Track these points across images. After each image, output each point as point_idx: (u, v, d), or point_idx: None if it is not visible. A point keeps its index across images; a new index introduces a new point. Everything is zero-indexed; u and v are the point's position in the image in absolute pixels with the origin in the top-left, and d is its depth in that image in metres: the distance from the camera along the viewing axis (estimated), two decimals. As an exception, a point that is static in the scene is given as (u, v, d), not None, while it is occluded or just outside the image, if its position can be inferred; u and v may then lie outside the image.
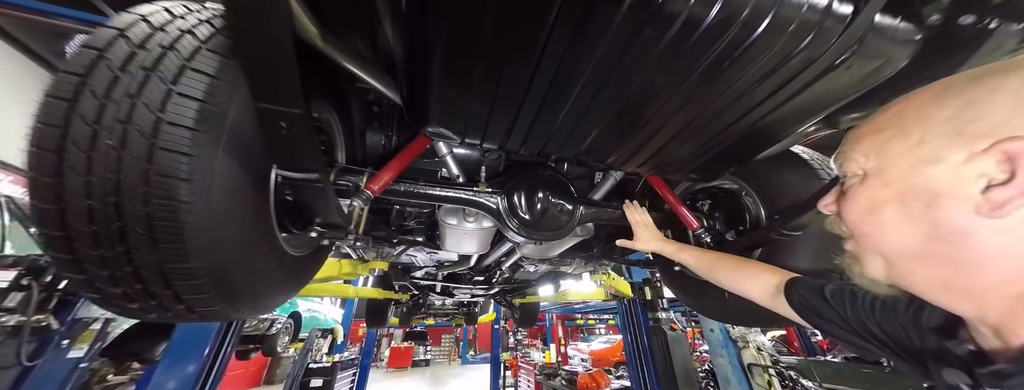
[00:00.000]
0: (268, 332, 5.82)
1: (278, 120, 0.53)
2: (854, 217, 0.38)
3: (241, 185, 0.63)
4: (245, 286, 0.71)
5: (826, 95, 0.72)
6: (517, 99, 0.73)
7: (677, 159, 0.95)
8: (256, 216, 0.69)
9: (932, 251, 0.31)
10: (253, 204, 0.68)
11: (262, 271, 0.75)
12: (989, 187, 0.28)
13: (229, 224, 0.62)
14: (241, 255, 0.66)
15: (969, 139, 0.29)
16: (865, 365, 7.76)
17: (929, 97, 0.33)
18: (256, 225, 0.70)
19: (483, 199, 1.16)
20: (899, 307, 0.46)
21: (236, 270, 0.66)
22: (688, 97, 0.72)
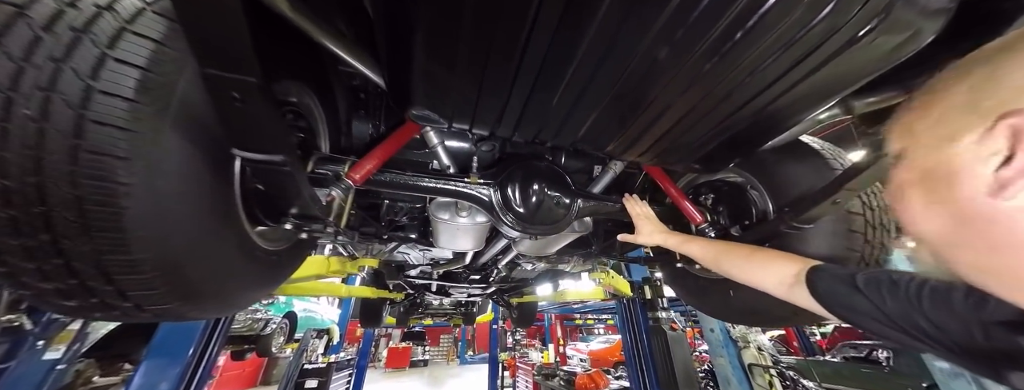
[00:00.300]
0: (262, 332, 5.74)
1: (228, 90, 0.46)
2: (890, 202, 0.37)
3: (195, 168, 0.56)
4: (205, 282, 0.64)
5: (845, 74, 0.65)
6: (507, 77, 0.67)
7: (682, 146, 0.88)
8: (216, 204, 0.63)
9: (964, 236, 0.29)
10: (212, 190, 0.61)
11: (226, 266, 0.68)
12: (1000, 166, 0.26)
13: (181, 211, 0.55)
14: (198, 247, 0.59)
15: (982, 115, 0.27)
16: (864, 365, 7.74)
17: (957, 70, 0.31)
18: (216, 214, 0.63)
19: (475, 191, 1.09)
20: (955, 296, 0.39)
21: (192, 264, 0.59)
22: (694, 75, 0.65)
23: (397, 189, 1.03)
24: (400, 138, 0.99)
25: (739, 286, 1.19)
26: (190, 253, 0.58)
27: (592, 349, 10.05)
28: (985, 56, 0.29)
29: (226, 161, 0.63)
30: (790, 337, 10.92)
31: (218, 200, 0.63)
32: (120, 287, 0.53)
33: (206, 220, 0.60)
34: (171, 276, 0.57)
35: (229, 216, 0.67)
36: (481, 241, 1.67)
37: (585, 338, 14.63)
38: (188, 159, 0.54)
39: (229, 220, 0.67)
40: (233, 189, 0.67)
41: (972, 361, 0.37)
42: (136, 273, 0.52)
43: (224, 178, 0.64)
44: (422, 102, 0.76)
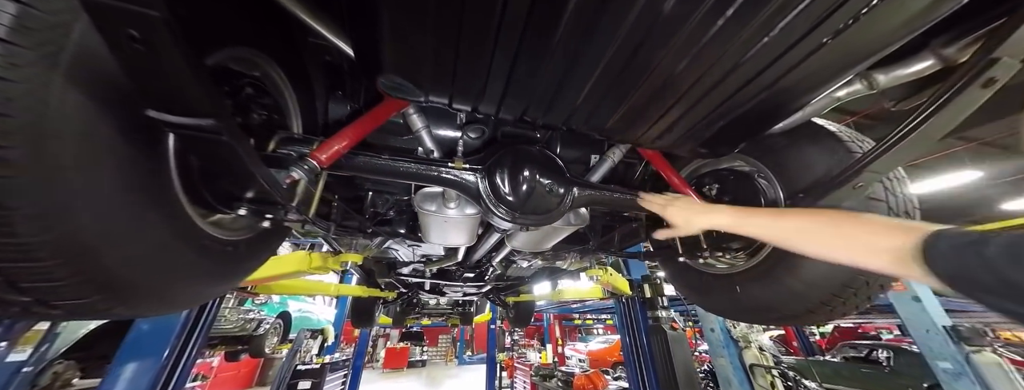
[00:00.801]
0: (255, 333, 5.63)
1: (122, 26, 0.37)
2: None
3: (105, 133, 0.46)
4: (133, 273, 0.54)
5: (874, 34, 0.56)
6: (488, 34, 0.57)
7: (688, 126, 0.79)
8: (140, 179, 0.53)
9: None
10: (133, 162, 0.51)
11: (162, 255, 0.59)
12: None
13: (87, 186, 0.45)
14: (116, 230, 0.50)
15: None
16: (864, 365, 7.68)
17: None
18: (141, 192, 0.53)
19: (459, 177, 1.00)
20: None
21: (110, 250, 0.50)
22: (704, 37, 0.56)
23: (371, 173, 0.93)
24: (376, 117, 0.89)
25: (747, 282, 1.11)
26: (105, 237, 0.49)
27: (591, 349, 9.97)
28: None
29: (153, 129, 0.54)
30: (789, 337, 10.87)
31: (142, 175, 0.53)
32: (10, 277, 0.44)
33: (125, 198, 0.51)
34: (80, 264, 0.47)
35: (161, 196, 0.58)
36: (472, 235, 1.58)
37: (584, 338, 14.53)
38: (93, 121, 0.45)
39: (161, 201, 0.58)
40: (166, 164, 0.58)
41: None
42: (29, 260, 0.43)
43: (150, 149, 0.54)
44: (392, 67, 0.66)
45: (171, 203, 0.60)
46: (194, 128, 0.48)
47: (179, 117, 0.46)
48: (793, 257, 0.95)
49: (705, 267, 1.26)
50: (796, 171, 0.95)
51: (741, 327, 3.80)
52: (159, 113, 0.46)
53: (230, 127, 0.51)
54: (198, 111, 0.47)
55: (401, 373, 12.87)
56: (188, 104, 0.46)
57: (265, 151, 0.77)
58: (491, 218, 1.04)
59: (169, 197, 0.59)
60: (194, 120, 0.47)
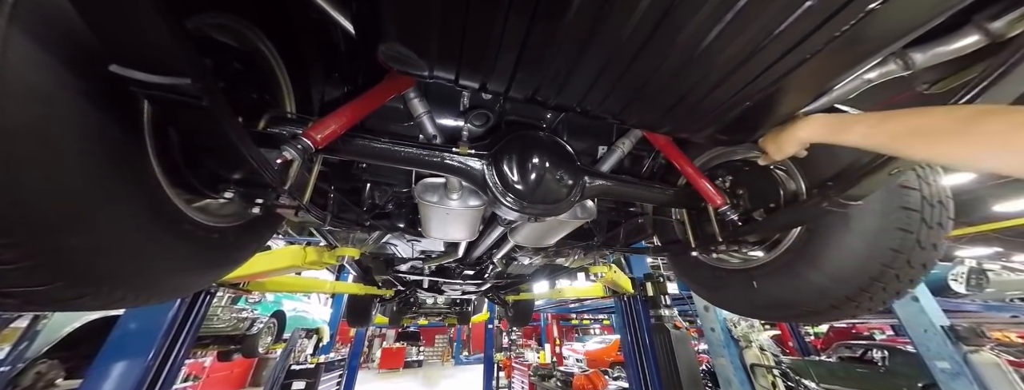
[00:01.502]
0: (248, 332, 5.53)
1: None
2: None
3: (62, 93, 0.40)
4: (102, 259, 0.48)
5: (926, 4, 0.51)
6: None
7: (714, 105, 0.74)
8: (109, 152, 0.47)
9: None
10: (98, 131, 0.45)
11: (136, 239, 0.52)
12: None
13: (41, 154, 0.39)
14: (79, 209, 0.44)
15: None
16: (859, 365, 7.72)
17: None
18: (111, 167, 0.47)
19: (464, 163, 0.94)
20: None
21: (72, 232, 0.43)
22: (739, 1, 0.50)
23: (369, 157, 0.87)
24: (375, 97, 0.83)
25: (764, 277, 1.07)
26: (64, 215, 0.42)
27: (588, 349, 9.91)
28: None
29: (124, 95, 0.47)
30: (785, 337, 10.92)
31: (110, 146, 0.47)
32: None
33: (90, 172, 0.44)
34: (33, 246, 0.41)
35: (134, 173, 0.51)
36: (474, 229, 1.52)
37: (581, 338, 14.50)
38: (48, 79, 0.38)
39: (134, 178, 0.51)
40: (141, 137, 0.51)
41: None
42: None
43: (122, 118, 0.48)
44: (394, 34, 0.60)
45: (146, 182, 0.53)
46: (167, 89, 0.42)
47: (148, 74, 0.40)
48: (815, 251, 0.90)
49: (718, 262, 1.21)
50: (820, 159, 0.90)
51: (742, 326, 3.77)
52: (124, 69, 0.40)
53: (210, 90, 0.45)
54: (171, 68, 0.40)
55: (397, 373, 12.76)
56: (159, 59, 0.40)
57: (254, 129, 0.70)
58: (498, 207, 0.99)
59: (144, 175, 0.53)
60: (166, 79, 0.41)
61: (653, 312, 2.99)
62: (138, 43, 0.38)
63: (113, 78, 0.42)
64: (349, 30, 0.71)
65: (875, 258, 0.78)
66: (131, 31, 0.37)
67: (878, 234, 0.79)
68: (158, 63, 0.40)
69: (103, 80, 0.43)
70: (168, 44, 0.39)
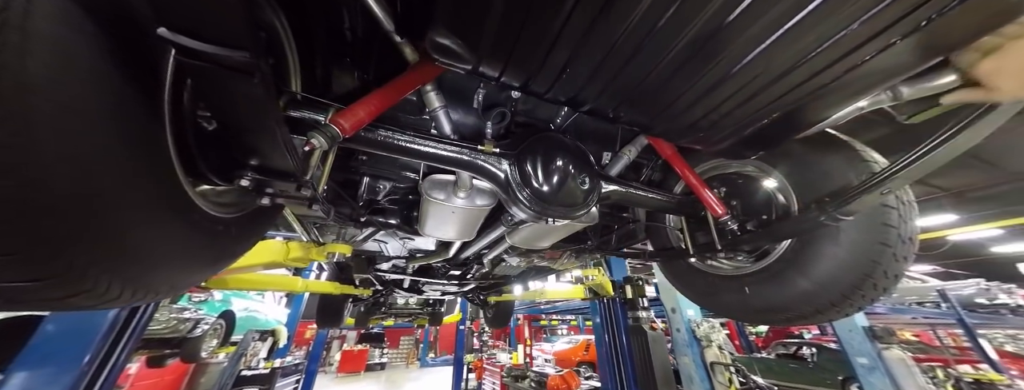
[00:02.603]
0: (190, 334, 4.96)
1: None
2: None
3: (85, 47, 0.33)
4: (114, 251, 0.41)
5: (934, 42, 0.59)
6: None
7: (733, 122, 0.79)
8: (130, 125, 0.40)
9: None
10: (118, 99, 0.38)
11: (150, 229, 0.45)
12: None
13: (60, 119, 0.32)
14: (94, 191, 0.36)
15: None
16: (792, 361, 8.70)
17: None
18: (131, 142, 0.40)
19: (488, 162, 0.92)
20: None
21: (88, 219, 0.36)
22: (784, 25, 0.55)
23: (389, 150, 0.82)
24: (402, 86, 0.79)
25: (756, 283, 1.15)
26: (82, 198, 0.35)
27: (557, 349, 10.12)
28: None
29: (151, 60, 0.41)
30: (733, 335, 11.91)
31: (130, 118, 0.40)
32: None
33: (110, 146, 0.37)
34: (48, 228, 0.33)
35: (153, 152, 0.44)
36: (474, 229, 1.49)
37: (549, 339, 14.75)
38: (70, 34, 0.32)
39: (153, 158, 0.44)
40: (160, 111, 0.44)
41: None
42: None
43: (143, 87, 0.41)
44: (447, 24, 0.57)
45: (162, 164, 0.46)
46: (219, 60, 0.36)
47: (202, 43, 0.35)
48: (806, 260, 0.99)
49: (711, 269, 1.29)
50: (813, 178, 1.00)
51: (704, 327, 4.05)
52: (173, 34, 0.34)
53: (264, 66, 0.40)
54: (230, 37, 0.35)
55: (358, 377, 12.13)
56: (219, 27, 0.34)
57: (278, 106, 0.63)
58: (516, 208, 0.97)
59: (160, 156, 0.46)
60: (223, 50, 0.35)
61: (631, 314, 3.11)
62: (198, 6, 0.33)
63: (141, 43, 0.36)
64: (374, 11, 0.67)
65: (858, 268, 0.88)
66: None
67: (862, 247, 0.89)
68: (217, 31, 0.35)
69: (135, 39, 0.36)
70: (234, 10, 0.34)
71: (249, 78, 0.39)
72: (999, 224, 8.67)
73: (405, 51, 0.77)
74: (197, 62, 0.37)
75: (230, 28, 0.35)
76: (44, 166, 0.32)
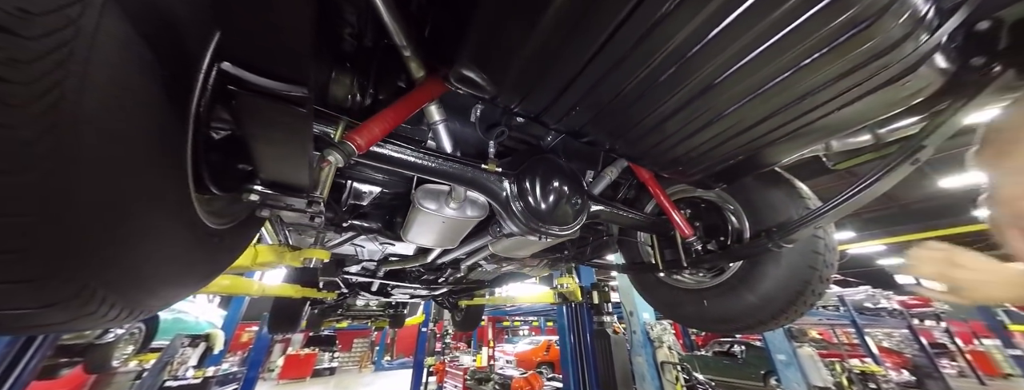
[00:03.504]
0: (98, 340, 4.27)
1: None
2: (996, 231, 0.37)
3: (136, 80, 0.32)
4: (126, 267, 0.39)
5: (869, 109, 0.74)
6: (595, 41, 0.57)
7: (709, 158, 0.91)
8: (161, 150, 0.38)
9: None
10: (159, 128, 0.36)
11: (162, 242, 0.43)
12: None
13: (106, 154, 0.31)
14: (117, 200, 0.35)
15: None
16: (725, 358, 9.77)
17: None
18: (154, 155, 0.38)
19: (490, 181, 0.96)
20: None
21: (109, 232, 0.35)
22: (772, 80, 0.65)
23: (399, 166, 0.83)
24: (412, 102, 0.80)
25: (714, 297, 1.32)
26: (110, 221, 0.34)
27: (519, 351, 10.27)
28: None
29: (186, 76, 0.39)
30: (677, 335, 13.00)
31: (166, 139, 0.38)
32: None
33: (142, 169, 0.36)
34: (63, 235, 0.31)
35: (176, 166, 0.42)
36: (459, 238, 1.51)
37: (510, 340, 14.90)
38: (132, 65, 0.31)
39: (175, 173, 0.42)
40: (186, 125, 0.42)
41: None
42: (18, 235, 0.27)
43: (178, 104, 0.40)
44: (473, 59, 0.61)
45: (180, 176, 0.44)
46: (275, 95, 0.37)
47: (266, 79, 0.35)
48: (754, 278, 1.16)
49: (676, 282, 1.44)
50: (763, 209, 1.17)
51: (657, 329, 4.41)
52: (237, 68, 0.34)
53: (312, 98, 0.41)
54: (293, 75, 0.36)
55: (303, 383, 11.24)
56: (285, 65, 0.35)
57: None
58: (512, 223, 1.02)
59: (180, 168, 0.44)
60: (283, 86, 0.36)
61: (596, 318, 3.30)
62: (270, 47, 0.34)
63: (186, 70, 0.36)
64: (388, 25, 0.67)
65: (794, 286, 1.06)
66: (270, 34, 0.33)
67: (797, 269, 1.07)
68: (281, 68, 0.35)
69: (179, 71, 0.36)
70: (302, 51, 0.35)
71: (299, 108, 0.40)
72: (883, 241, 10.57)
73: (411, 66, 0.78)
74: (251, 94, 0.37)
75: (294, 66, 0.36)
76: (79, 192, 0.31)
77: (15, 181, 0.26)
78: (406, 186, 1.39)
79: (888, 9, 0.51)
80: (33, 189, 0.27)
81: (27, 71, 0.25)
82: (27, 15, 0.24)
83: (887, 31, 0.55)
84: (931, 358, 8.79)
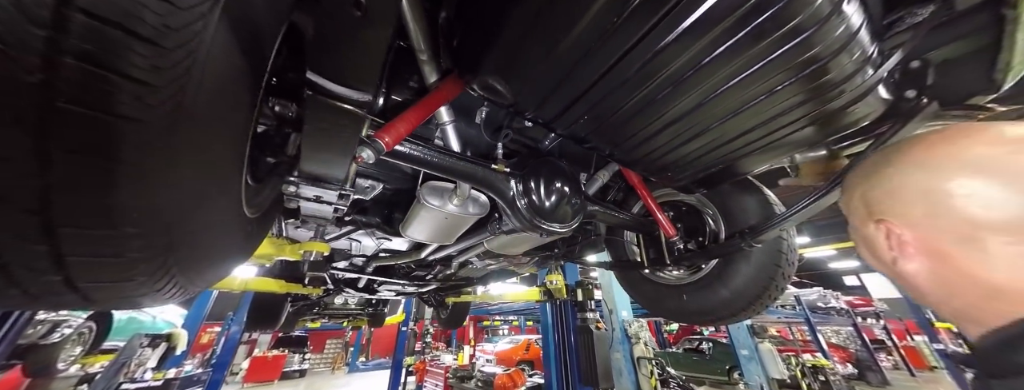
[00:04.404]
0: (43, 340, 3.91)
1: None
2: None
3: (231, 86, 0.37)
4: (197, 249, 0.42)
5: (826, 129, 0.88)
6: (607, 62, 0.65)
7: (695, 166, 1.03)
8: (233, 137, 0.42)
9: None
10: (232, 110, 0.41)
11: (217, 228, 0.46)
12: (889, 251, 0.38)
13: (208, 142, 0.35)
14: (200, 195, 0.39)
15: (871, 215, 0.41)
16: (694, 354, 10.34)
17: (854, 177, 0.45)
18: (226, 150, 0.42)
19: (498, 180, 1.02)
20: None
21: (188, 219, 0.39)
22: (751, 102, 0.76)
23: (413, 163, 0.88)
24: (434, 103, 0.85)
25: (692, 292, 1.45)
26: (197, 194, 0.38)
27: (499, 350, 10.34)
28: (865, 173, 0.44)
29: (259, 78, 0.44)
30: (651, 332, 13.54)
31: (235, 131, 0.43)
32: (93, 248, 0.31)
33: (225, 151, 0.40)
34: (158, 232, 0.35)
35: (240, 156, 0.46)
36: (457, 234, 1.56)
37: (490, 339, 14.93)
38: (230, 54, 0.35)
39: (239, 163, 0.46)
40: (251, 119, 0.47)
41: None
42: (112, 226, 0.31)
43: (251, 103, 0.44)
44: (498, 71, 0.67)
45: (239, 169, 0.48)
46: (345, 99, 0.42)
47: (340, 87, 0.41)
48: (727, 275, 1.30)
49: (659, 279, 1.57)
50: (737, 212, 1.32)
51: (634, 326, 4.62)
52: (318, 77, 0.40)
53: (373, 104, 0.46)
54: (365, 84, 0.42)
55: (270, 386, 10.72)
56: (361, 76, 0.41)
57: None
58: (516, 220, 1.09)
59: (240, 161, 0.48)
60: (355, 93, 0.42)
61: (580, 315, 3.43)
62: (350, 62, 0.39)
63: (262, 71, 0.40)
64: (409, 27, 0.72)
65: (761, 282, 1.20)
66: (353, 52, 0.38)
67: (764, 266, 1.21)
68: (357, 78, 0.41)
69: (259, 75, 0.40)
70: (375, 65, 0.41)
71: (359, 111, 0.46)
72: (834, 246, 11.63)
73: (425, 70, 0.83)
74: (325, 98, 0.42)
75: (367, 77, 0.42)
76: (184, 179, 0.35)
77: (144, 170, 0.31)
78: (408, 183, 1.43)
79: (844, 49, 0.63)
80: (156, 175, 0.32)
81: (164, 76, 0.29)
82: (168, 30, 0.28)
83: (842, 66, 0.67)
84: (871, 353, 9.70)
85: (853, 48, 0.63)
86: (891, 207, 0.38)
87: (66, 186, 0.28)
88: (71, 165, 0.28)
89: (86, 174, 0.28)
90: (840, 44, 0.61)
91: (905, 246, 0.36)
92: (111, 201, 0.30)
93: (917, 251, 0.36)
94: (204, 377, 5.38)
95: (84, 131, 0.27)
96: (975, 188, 0.33)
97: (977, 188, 0.33)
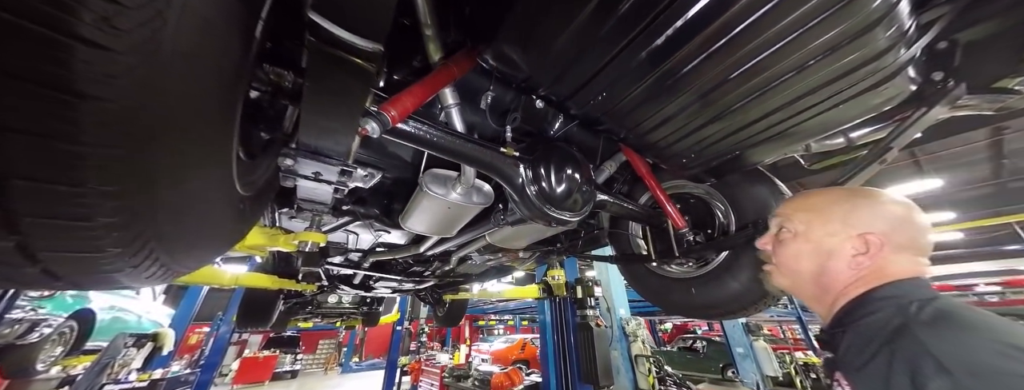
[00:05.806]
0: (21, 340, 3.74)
1: None
2: (784, 255, 0.62)
3: (221, 26, 0.31)
4: (185, 225, 0.37)
5: (849, 113, 0.85)
6: (626, 36, 0.61)
7: (706, 154, 0.99)
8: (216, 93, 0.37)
9: (818, 279, 0.57)
10: (221, 67, 0.35)
11: (206, 201, 0.41)
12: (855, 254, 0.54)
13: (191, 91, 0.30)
14: (186, 160, 0.33)
15: (850, 230, 0.55)
16: (689, 353, 10.44)
17: (837, 199, 0.60)
18: (221, 118, 0.37)
19: (506, 165, 0.97)
20: None
21: (172, 187, 0.33)
22: (777, 80, 0.72)
23: (417, 142, 0.82)
24: (441, 79, 0.79)
25: (700, 285, 1.42)
26: (171, 162, 0.32)
27: (494, 349, 10.29)
28: (846, 198, 0.59)
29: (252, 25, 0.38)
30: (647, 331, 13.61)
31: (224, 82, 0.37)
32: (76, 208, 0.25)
33: (212, 110, 0.34)
34: (132, 192, 0.30)
35: (229, 122, 0.40)
36: (459, 226, 1.50)
37: (485, 339, 14.87)
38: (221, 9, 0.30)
39: (229, 130, 0.40)
40: (243, 81, 0.41)
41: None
42: (74, 180, 0.26)
43: (243, 54, 0.38)
44: (514, 38, 0.62)
45: (230, 135, 0.42)
46: (352, 48, 0.37)
47: (346, 32, 0.35)
48: (738, 265, 1.27)
49: (665, 272, 1.53)
50: (748, 204, 1.28)
51: (632, 324, 4.61)
52: (322, 18, 0.34)
53: (383, 56, 0.41)
54: (374, 30, 0.37)
55: (261, 387, 10.52)
56: (369, 20, 0.35)
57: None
58: (524, 208, 1.04)
59: (231, 126, 0.42)
60: (362, 41, 0.36)
61: (580, 312, 3.40)
62: (359, 2, 0.34)
63: (255, 15, 0.35)
64: (417, 7, 0.68)
65: (773, 273, 1.17)
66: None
67: (773, 258, 1.18)
68: (366, 20, 0.36)
69: (254, 17, 0.35)
70: (385, 8, 0.35)
71: (367, 65, 0.40)
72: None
73: (430, 46, 0.77)
74: (329, 48, 0.37)
75: (378, 21, 0.36)
76: (163, 131, 0.30)
77: (109, 108, 0.25)
78: (408, 172, 1.37)
79: (882, 21, 0.59)
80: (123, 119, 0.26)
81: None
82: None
83: (877, 41, 0.63)
84: (861, 350, 9.81)
85: (892, 20, 0.60)
86: (871, 224, 0.54)
87: (14, 125, 0.23)
88: (20, 97, 0.22)
89: (39, 110, 0.23)
90: (880, 13, 0.58)
91: (882, 248, 0.53)
92: (72, 148, 0.24)
93: (878, 251, 0.53)
94: (191, 378, 5.23)
95: (32, 55, 0.21)
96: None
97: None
